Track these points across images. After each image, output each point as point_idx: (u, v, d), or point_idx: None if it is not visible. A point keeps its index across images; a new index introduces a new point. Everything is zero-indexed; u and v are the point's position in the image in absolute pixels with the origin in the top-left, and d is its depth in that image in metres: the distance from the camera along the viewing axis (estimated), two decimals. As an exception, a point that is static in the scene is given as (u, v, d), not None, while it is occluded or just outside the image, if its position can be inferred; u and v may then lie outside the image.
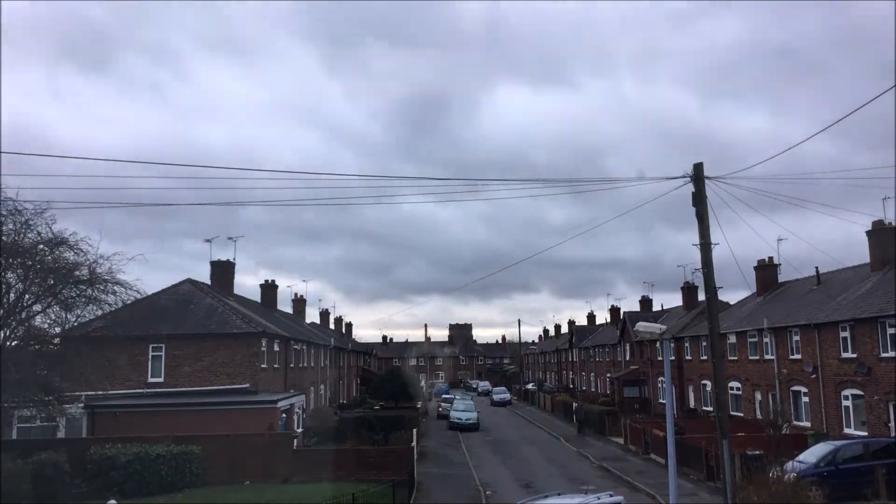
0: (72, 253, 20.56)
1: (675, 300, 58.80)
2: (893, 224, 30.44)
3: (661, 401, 45.67)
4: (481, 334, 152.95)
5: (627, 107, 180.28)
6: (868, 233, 31.29)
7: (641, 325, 16.04)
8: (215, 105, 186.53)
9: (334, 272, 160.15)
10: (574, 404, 48.52)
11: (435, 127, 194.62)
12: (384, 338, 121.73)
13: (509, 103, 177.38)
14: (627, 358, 55.63)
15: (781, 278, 40.74)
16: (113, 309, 22.09)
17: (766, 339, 33.83)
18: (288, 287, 65.52)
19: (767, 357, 33.62)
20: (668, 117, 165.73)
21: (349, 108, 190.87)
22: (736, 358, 36.84)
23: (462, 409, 47.87)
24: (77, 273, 20.66)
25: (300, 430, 31.60)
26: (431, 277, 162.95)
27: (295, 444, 27.33)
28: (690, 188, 16.42)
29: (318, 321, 67.91)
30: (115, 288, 21.20)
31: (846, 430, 27.00)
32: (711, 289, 16.69)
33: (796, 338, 31.30)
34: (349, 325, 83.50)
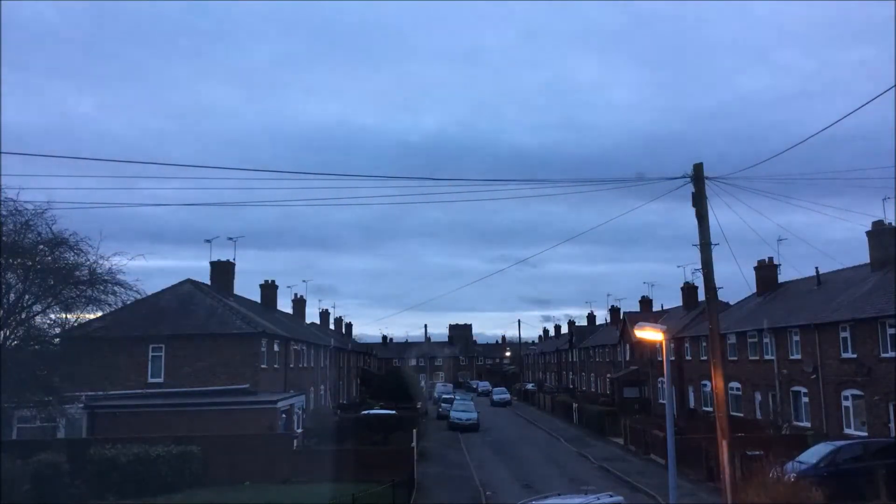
0: (72, 253, 20.65)
1: (675, 300, 58.69)
2: (893, 224, 30.47)
3: (661, 401, 45.63)
4: (481, 334, 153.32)
5: None
6: (868, 233, 31.30)
7: (641, 326, 16.07)
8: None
9: (335, 272, 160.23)
10: (575, 405, 48.52)
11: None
12: (384, 338, 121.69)
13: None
14: (627, 358, 55.60)
15: (781, 278, 40.78)
16: (113, 309, 22.14)
17: (766, 340, 33.82)
18: (288, 287, 65.59)
19: (767, 357, 33.61)
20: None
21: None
22: (736, 358, 36.82)
23: (462, 409, 47.89)
24: (77, 273, 20.73)
25: (300, 430, 31.61)
26: (431, 277, 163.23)
27: (295, 444, 27.37)
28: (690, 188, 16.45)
29: (318, 321, 67.92)
30: (116, 288, 21.33)
31: (846, 431, 26.97)
32: (711, 289, 16.70)
33: (796, 338, 31.28)
34: (349, 326, 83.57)
